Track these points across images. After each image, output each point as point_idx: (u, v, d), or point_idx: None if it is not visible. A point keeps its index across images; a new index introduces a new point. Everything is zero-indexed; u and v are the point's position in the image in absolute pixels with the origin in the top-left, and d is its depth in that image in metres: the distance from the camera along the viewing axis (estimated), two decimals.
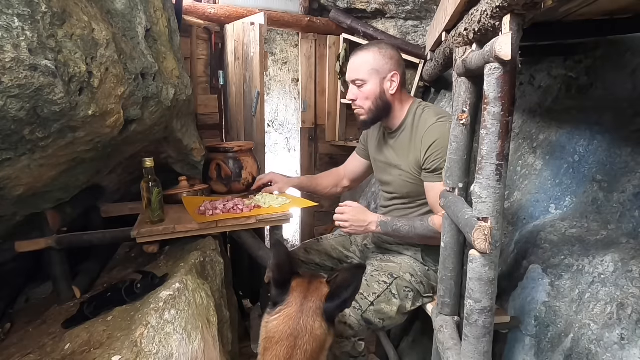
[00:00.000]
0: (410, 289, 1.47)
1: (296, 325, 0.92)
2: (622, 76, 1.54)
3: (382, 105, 1.46)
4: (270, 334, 0.93)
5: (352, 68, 1.48)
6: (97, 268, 1.68)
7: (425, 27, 2.77)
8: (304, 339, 0.92)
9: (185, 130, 1.96)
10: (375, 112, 1.47)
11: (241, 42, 2.46)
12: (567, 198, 1.54)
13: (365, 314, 1.41)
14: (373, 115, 1.48)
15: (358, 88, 1.46)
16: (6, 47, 0.76)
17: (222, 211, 1.59)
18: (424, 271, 1.52)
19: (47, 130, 0.93)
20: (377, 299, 1.42)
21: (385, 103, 1.46)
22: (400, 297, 1.45)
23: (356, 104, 1.49)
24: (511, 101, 0.87)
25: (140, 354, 0.97)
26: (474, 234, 0.89)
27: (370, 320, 1.42)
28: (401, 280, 1.46)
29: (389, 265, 1.51)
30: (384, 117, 1.50)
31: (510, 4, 0.78)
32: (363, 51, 1.48)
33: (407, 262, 1.53)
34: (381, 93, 1.45)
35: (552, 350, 1.27)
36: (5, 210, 1.15)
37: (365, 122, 1.51)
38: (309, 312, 0.94)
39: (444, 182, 1.28)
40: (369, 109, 1.47)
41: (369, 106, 1.46)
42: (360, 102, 1.47)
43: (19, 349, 1.19)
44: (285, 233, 3.75)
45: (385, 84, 1.45)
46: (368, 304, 1.41)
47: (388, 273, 1.47)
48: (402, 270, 1.49)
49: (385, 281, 1.45)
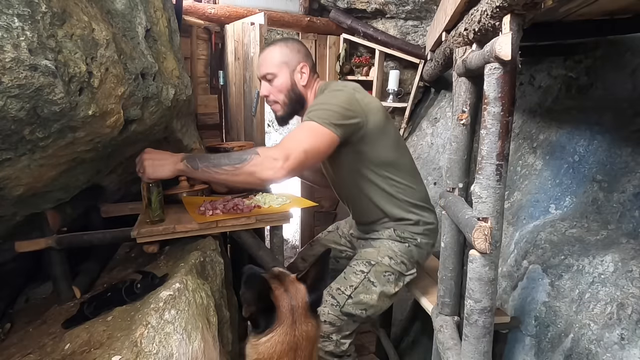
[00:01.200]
0: (390, 272, 1.46)
1: (293, 339, 0.90)
2: (622, 76, 1.54)
3: (295, 98, 1.48)
4: (266, 355, 0.89)
5: (261, 64, 1.49)
6: (97, 268, 1.68)
7: (425, 27, 2.77)
8: (303, 346, 0.91)
9: (185, 130, 1.96)
10: (290, 105, 1.49)
11: (241, 42, 2.46)
12: (567, 198, 1.54)
13: (344, 308, 1.42)
14: (288, 109, 1.50)
15: (269, 83, 1.48)
16: (6, 47, 0.76)
17: (222, 211, 1.59)
18: (404, 249, 1.49)
19: (47, 130, 0.93)
20: (354, 291, 1.43)
21: (297, 95, 1.48)
22: (381, 283, 1.45)
23: (270, 100, 1.50)
24: (511, 101, 0.87)
25: (140, 354, 0.97)
26: (474, 234, 0.89)
27: (351, 312, 1.43)
28: (379, 265, 1.46)
29: (367, 252, 1.51)
30: (299, 109, 1.52)
31: (510, 4, 0.79)
32: (270, 46, 1.50)
33: (386, 244, 1.51)
34: (293, 85, 1.47)
35: (552, 350, 1.27)
36: (5, 210, 1.15)
37: (282, 117, 1.53)
38: (300, 319, 0.93)
39: (444, 182, 1.28)
40: (283, 102, 1.48)
41: (283, 99, 1.48)
42: (274, 96, 1.48)
43: (19, 349, 1.19)
44: (285, 233, 3.76)
45: (295, 76, 1.47)
46: (345, 298, 1.42)
47: (366, 261, 1.47)
48: (380, 254, 1.48)
49: (362, 270, 1.45)
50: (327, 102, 1.31)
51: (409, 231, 1.49)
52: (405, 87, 3.02)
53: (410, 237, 1.50)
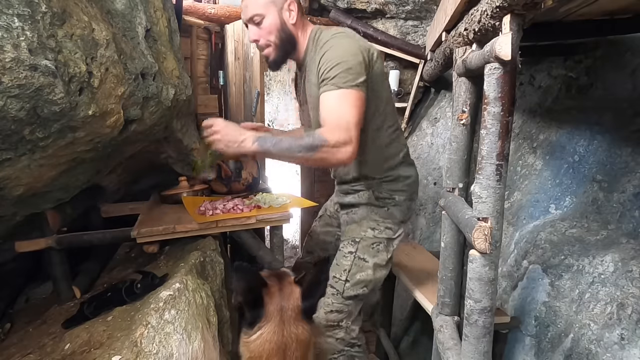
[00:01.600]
0: (377, 243, 1.46)
1: (282, 338, 0.90)
2: (622, 76, 1.54)
3: (286, 38, 1.41)
4: (256, 353, 0.90)
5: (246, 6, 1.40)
6: (97, 268, 1.68)
7: (425, 27, 2.77)
8: (292, 348, 0.90)
9: (185, 130, 1.96)
10: (281, 47, 1.41)
11: (241, 42, 2.46)
12: (567, 198, 1.54)
13: (345, 293, 1.43)
14: (280, 52, 1.42)
15: (257, 26, 1.40)
16: (6, 47, 0.76)
17: (222, 211, 1.59)
18: (385, 214, 1.48)
19: (47, 130, 0.93)
20: (349, 274, 1.44)
21: (288, 35, 1.41)
22: (371, 256, 1.45)
23: (261, 44, 1.42)
24: (511, 101, 0.87)
25: (140, 354, 0.97)
26: (474, 234, 0.89)
27: (353, 294, 1.45)
28: (364, 240, 1.46)
29: (350, 228, 1.50)
30: (290, 51, 1.44)
31: (510, 4, 0.79)
32: None
33: (365, 214, 1.49)
34: (282, 24, 1.40)
35: (552, 350, 1.27)
36: (5, 210, 1.15)
37: (275, 61, 1.44)
38: (290, 321, 0.93)
39: (444, 182, 1.28)
40: (275, 43, 1.40)
41: (274, 40, 1.40)
42: (264, 39, 1.40)
43: (19, 349, 1.19)
44: (285, 233, 3.75)
45: (284, 14, 1.39)
46: (343, 284, 1.43)
47: (351, 240, 1.47)
48: (362, 228, 1.47)
49: (350, 251, 1.46)
50: (343, 59, 1.25)
51: (387, 190, 1.47)
52: (405, 87, 3.02)
53: (388, 197, 1.47)
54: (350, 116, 1.21)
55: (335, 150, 1.17)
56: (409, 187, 1.50)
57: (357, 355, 1.54)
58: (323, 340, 1.48)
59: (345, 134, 1.17)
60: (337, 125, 1.20)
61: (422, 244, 2.37)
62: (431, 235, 2.52)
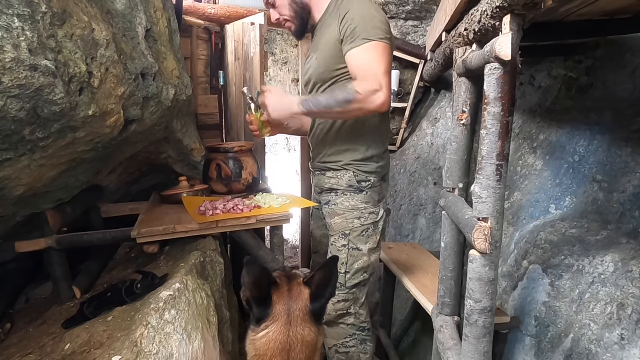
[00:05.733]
0: (365, 229, 1.50)
1: (287, 338, 0.90)
2: (622, 76, 1.54)
3: (300, 8, 1.50)
4: (261, 351, 0.90)
5: None
6: (97, 268, 1.68)
7: (425, 27, 2.77)
8: (297, 349, 0.90)
9: (185, 130, 1.96)
10: (298, 17, 1.52)
11: (241, 42, 2.46)
12: (567, 198, 1.54)
13: (347, 284, 1.50)
14: (298, 21, 1.53)
15: (274, 7, 1.53)
16: (6, 47, 0.76)
17: (222, 211, 1.59)
18: (365, 198, 1.50)
19: (47, 130, 0.93)
20: (347, 265, 1.50)
21: (300, 5, 1.50)
22: (363, 242, 1.50)
23: (281, 20, 1.54)
24: (511, 101, 0.87)
25: (140, 354, 0.97)
26: (474, 234, 0.89)
27: (355, 283, 1.51)
28: (354, 231, 1.50)
29: (336, 222, 1.53)
30: (306, 17, 1.54)
31: (510, 4, 0.79)
32: None
33: (348, 203, 1.51)
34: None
35: (552, 350, 1.27)
36: (5, 210, 1.15)
37: (297, 31, 1.56)
38: (296, 321, 0.93)
39: (444, 182, 1.28)
40: (291, 16, 1.51)
41: (290, 14, 1.51)
42: (283, 16, 1.52)
43: (19, 349, 1.19)
44: (285, 233, 3.75)
45: None
46: (344, 276, 1.49)
47: (341, 233, 1.51)
48: (348, 220, 1.50)
49: (343, 244, 1.51)
50: (370, 14, 1.33)
51: (364, 172, 1.49)
52: (405, 87, 3.02)
53: (364, 179, 1.50)
54: (378, 65, 1.28)
55: (368, 99, 1.26)
56: (382, 168, 1.55)
57: (367, 339, 1.60)
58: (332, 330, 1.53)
59: (374, 82, 1.26)
60: (366, 75, 1.29)
61: (422, 244, 2.37)
62: (431, 235, 2.52)
